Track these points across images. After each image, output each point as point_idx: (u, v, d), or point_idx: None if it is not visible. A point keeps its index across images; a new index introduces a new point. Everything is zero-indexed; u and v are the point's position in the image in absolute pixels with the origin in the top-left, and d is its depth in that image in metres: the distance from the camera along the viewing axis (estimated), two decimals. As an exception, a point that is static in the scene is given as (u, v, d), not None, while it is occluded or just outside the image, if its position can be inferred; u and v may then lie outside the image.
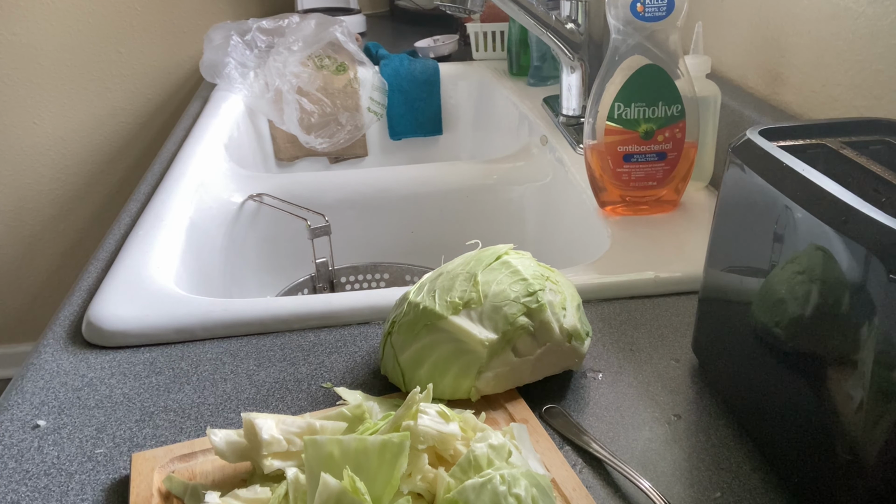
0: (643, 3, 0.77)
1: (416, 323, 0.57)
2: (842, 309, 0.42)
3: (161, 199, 0.92)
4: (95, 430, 0.57)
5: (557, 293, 0.59)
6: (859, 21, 0.76)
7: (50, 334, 0.69)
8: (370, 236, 1.10)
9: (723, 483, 0.50)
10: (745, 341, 0.53)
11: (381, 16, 2.06)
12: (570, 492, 0.48)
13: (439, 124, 1.49)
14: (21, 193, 2.02)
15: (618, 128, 0.81)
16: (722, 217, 0.56)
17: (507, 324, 0.56)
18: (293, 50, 1.33)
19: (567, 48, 1.08)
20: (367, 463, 0.43)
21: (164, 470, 0.51)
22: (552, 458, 0.51)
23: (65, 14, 1.87)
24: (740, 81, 0.99)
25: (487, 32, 1.51)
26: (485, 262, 0.59)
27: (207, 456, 0.52)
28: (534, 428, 0.54)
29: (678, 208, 0.86)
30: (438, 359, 0.56)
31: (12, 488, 0.52)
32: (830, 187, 0.44)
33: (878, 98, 0.74)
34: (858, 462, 0.42)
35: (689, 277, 0.72)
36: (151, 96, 2.00)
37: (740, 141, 0.53)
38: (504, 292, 0.57)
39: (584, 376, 0.61)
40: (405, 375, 0.58)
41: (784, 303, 0.47)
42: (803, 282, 0.45)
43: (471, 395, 0.57)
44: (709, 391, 0.59)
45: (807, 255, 0.45)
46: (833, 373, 0.43)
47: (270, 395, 0.60)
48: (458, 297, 0.57)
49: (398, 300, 0.62)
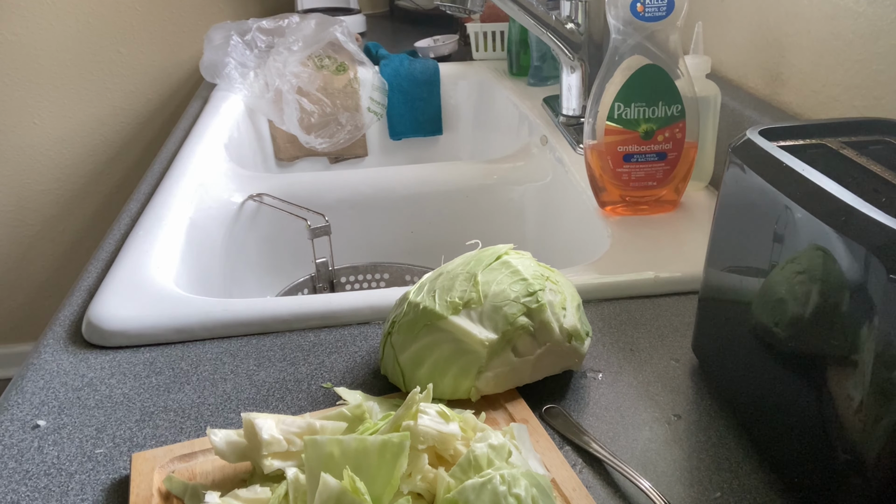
0: (643, 3, 0.77)
1: (416, 323, 0.57)
2: (842, 309, 0.42)
3: (161, 199, 0.92)
4: (95, 430, 0.57)
5: (557, 293, 0.59)
6: (859, 21, 0.76)
7: (50, 334, 0.69)
8: (370, 236, 1.10)
9: (723, 483, 0.50)
10: (745, 341, 0.53)
11: (381, 16, 2.06)
12: (570, 492, 0.48)
13: (439, 124, 1.49)
14: (21, 193, 2.02)
15: (618, 128, 0.81)
16: (722, 217, 0.56)
17: (507, 324, 0.56)
18: (293, 50, 1.33)
19: (567, 48, 1.08)
20: (367, 463, 0.43)
21: (164, 470, 0.51)
22: (552, 458, 0.51)
23: (65, 14, 1.87)
24: (740, 81, 0.99)
25: (487, 32, 1.51)
26: (485, 262, 0.59)
27: (207, 456, 0.52)
28: (534, 428, 0.54)
29: (678, 208, 0.86)
30: (438, 359, 0.56)
31: (12, 488, 0.52)
32: (830, 187, 0.44)
33: (878, 98, 0.74)
34: (858, 462, 0.42)
35: (689, 277, 0.72)
36: (151, 96, 2.00)
37: (740, 141, 0.53)
38: (504, 292, 0.57)
39: (584, 376, 0.61)
40: (405, 375, 0.58)
41: (784, 303, 0.47)
42: (803, 282, 0.45)
43: (471, 395, 0.57)
44: (709, 391, 0.59)
45: (807, 255, 0.45)
46: (833, 373, 0.43)
47: (270, 395, 0.60)
48: (458, 297, 0.57)
49: (398, 300, 0.62)
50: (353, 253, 1.09)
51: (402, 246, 1.12)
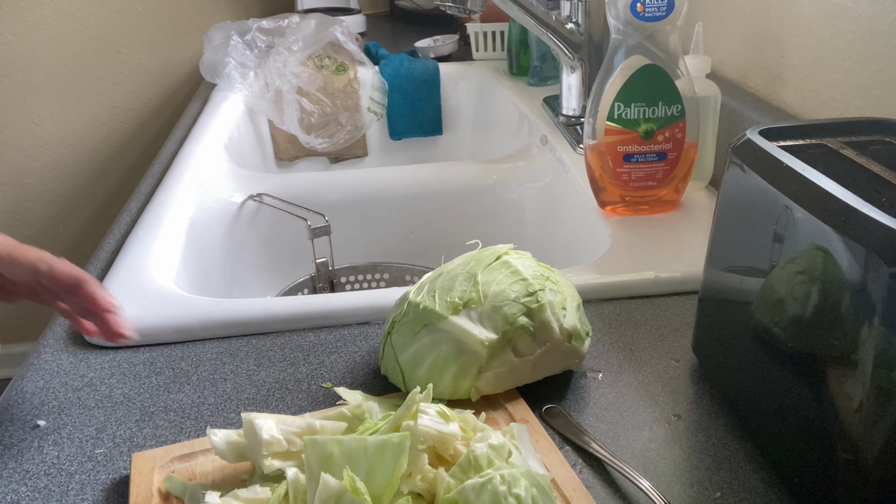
0: (643, 3, 0.77)
1: (416, 323, 0.57)
2: (842, 309, 0.42)
3: (161, 200, 0.92)
4: (95, 430, 0.57)
5: (557, 293, 0.59)
6: (859, 21, 0.76)
7: (50, 334, 0.69)
8: (370, 236, 1.10)
9: (723, 483, 0.50)
10: (745, 341, 0.53)
11: (381, 16, 2.06)
12: (570, 492, 0.48)
13: (439, 124, 1.49)
14: (21, 193, 2.02)
15: (618, 128, 0.81)
16: (722, 217, 0.56)
17: (507, 324, 0.56)
18: (293, 50, 1.33)
19: (567, 48, 1.08)
20: (367, 463, 0.43)
21: (164, 470, 0.51)
22: (552, 458, 0.51)
23: (65, 14, 1.87)
24: (740, 81, 0.99)
25: (487, 32, 1.51)
26: (485, 262, 0.59)
27: (207, 456, 0.52)
28: (534, 428, 0.54)
29: (678, 208, 0.86)
30: (438, 359, 0.56)
31: (12, 488, 0.52)
32: (830, 187, 0.44)
33: (878, 98, 0.74)
34: (858, 462, 0.42)
35: (689, 277, 0.72)
36: (151, 96, 2.00)
37: (740, 141, 0.53)
38: (504, 292, 0.57)
39: (584, 376, 0.61)
40: (405, 375, 0.58)
41: (784, 303, 0.47)
42: (803, 282, 0.45)
43: (471, 395, 0.57)
44: (709, 391, 0.59)
45: (807, 255, 0.45)
46: (833, 373, 0.43)
47: (270, 395, 0.60)
48: (458, 297, 0.57)
49: (398, 300, 0.62)
50: (353, 253, 1.09)
51: (402, 246, 1.12)
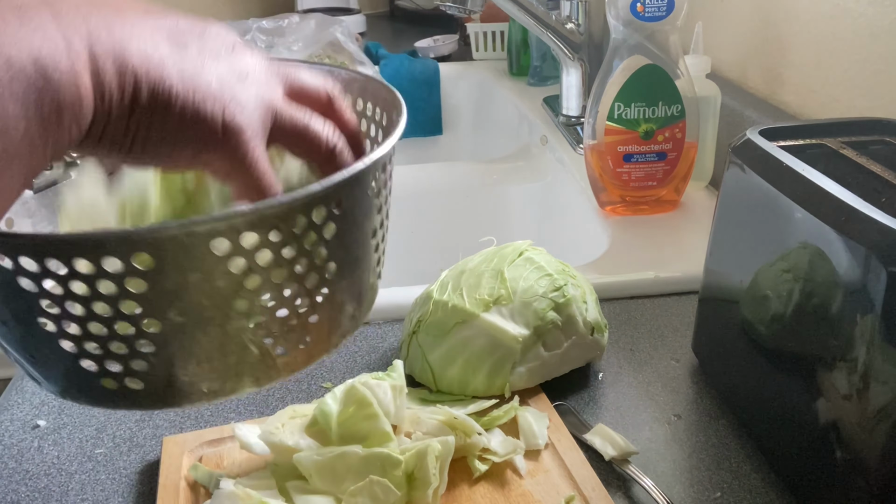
0: (643, 3, 0.77)
1: (446, 321, 0.57)
2: (842, 309, 0.42)
3: (161, 199, 0.92)
4: (95, 430, 0.57)
5: (577, 287, 0.60)
6: (859, 21, 0.76)
7: (50, 334, 0.68)
8: (370, 236, 1.10)
9: (723, 483, 0.50)
10: (746, 341, 0.53)
11: (381, 16, 2.06)
12: (589, 492, 0.48)
13: (439, 124, 1.48)
14: (21, 193, 2.01)
15: (618, 128, 0.81)
16: (722, 217, 0.56)
17: (538, 319, 0.57)
18: (293, 50, 1.33)
19: (567, 48, 1.08)
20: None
21: (193, 455, 0.52)
22: (573, 457, 0.51)
23: (65, 14, 1.87)
24: (740, 81, 0.99)
25: (487, 32, 1.51)
26: (508, 259, 0.60)
27: (236, 442, 0.53)
28: (556, 426, 0.54)
29: (678, 208, 0.86)
30: (472, 356, 0.56)
31: (12, 488, 0.52)
32: (830, 187, 0.44)
33: (878, 98, 0.74)
34: (858, 462, 0.42)
35: (689, 277, 0.72)
36: (151, 96, 1.99)
37: (740, 141, 0.53)
38: (532, 288, 0.58)
39: (585, 376, 0.61)
40: (435, 374, 0.58)
41: (783, 303, 0.47)
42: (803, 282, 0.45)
43: (504, 391, 0.57)
44: (709, 391, 0.59)
45: (806, 255, 0.45)
46: (833, 373, 0.43)
47: (271, 394, 0.60)
48: (488, 294, 0.57)
49: (420, 299, 0.62)
50: (353, 253, 1.09)
51: (403, 246, 1.12)
